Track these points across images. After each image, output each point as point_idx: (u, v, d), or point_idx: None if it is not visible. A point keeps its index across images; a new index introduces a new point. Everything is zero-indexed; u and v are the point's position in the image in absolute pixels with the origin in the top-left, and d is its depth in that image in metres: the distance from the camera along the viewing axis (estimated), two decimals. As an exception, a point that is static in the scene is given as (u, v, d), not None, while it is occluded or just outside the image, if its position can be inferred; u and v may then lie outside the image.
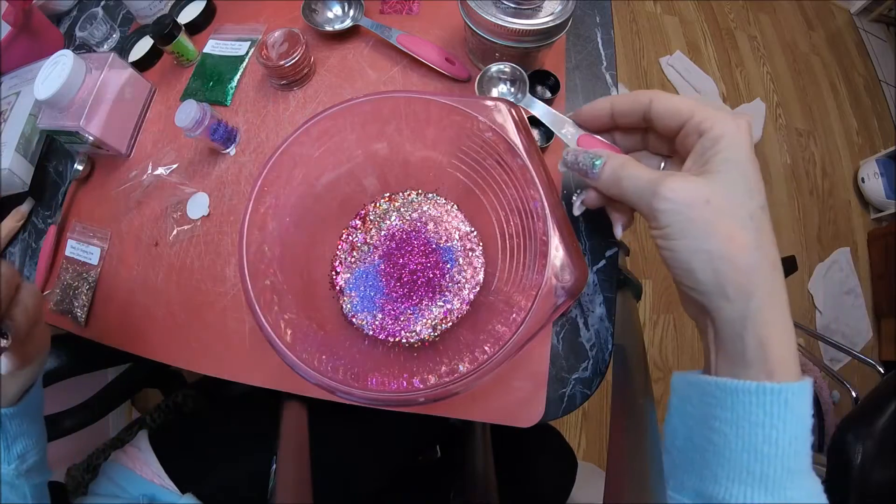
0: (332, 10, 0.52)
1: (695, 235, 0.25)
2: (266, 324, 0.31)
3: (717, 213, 0.25)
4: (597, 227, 0.43)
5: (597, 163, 0.30)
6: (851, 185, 1.61)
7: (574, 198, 0.35)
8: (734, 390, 0.25)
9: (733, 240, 0.25)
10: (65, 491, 0.56)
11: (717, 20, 1.73)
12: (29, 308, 0.32)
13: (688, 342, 1.21)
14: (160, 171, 0.50)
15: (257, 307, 0.31)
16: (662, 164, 0.33)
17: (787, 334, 0.25)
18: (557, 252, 0.29)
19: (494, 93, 0.39)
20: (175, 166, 0.50)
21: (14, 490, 0.37)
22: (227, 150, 0.49)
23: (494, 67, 0.41)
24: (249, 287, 0.31)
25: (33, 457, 0.38)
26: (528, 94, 0.39)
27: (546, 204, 0.30)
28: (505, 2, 0.39)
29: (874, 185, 1.53)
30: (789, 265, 1.14)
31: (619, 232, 0.34)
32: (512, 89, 0.39)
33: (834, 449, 0.62)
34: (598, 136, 0.34)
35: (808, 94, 1.71)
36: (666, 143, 0.31)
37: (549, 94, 0.46)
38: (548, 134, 0.44)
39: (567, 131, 0.35)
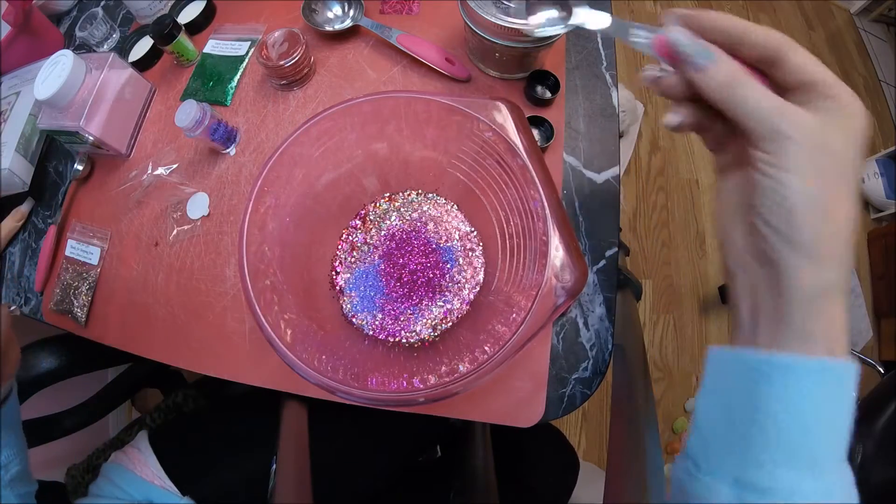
0: (332, 10, 0.52)
1: (812, 177, 0.23)
2: (266, 324, 0.31)
3: (839, 172, 0.23)
4: (597, 227, 0.43)
5: (710, 54, 0.26)
6: (851, 186, 1.61)
7: (647, 71, 0.29)
8: (790, 367, 0.23)
9: (841, 203, 0.23)
10: (65, 491, 0.57)
11: (717, 20, 1.73)
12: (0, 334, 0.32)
13: (688, 342, 1.21)
14: (160, 171, 0.50)
15: (257, 307, 0.31)
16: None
17: (848, 314, 0.24)
18: (557, 252, 0.29)
19: (542, 17, 0.32)
20: (175, 166, 0.50)
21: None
22: (227, 150, 0.49)
23: None
24: (249, 287, 0.31)
25: (16, 466, 0.38)
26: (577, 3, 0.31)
27: (546, 204, 0.30)
28: (505, 2, 0.39)
29: (874, 185, 1.53)
30: (789, 265, 1.14)
31: (674, 120, 0.28)
32: (562, 13, 0.32)
33: (834, 449, 0.62)
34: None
35: (808, 94, 1.71)
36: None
37: (549, 94, 0.46)
38: (547, 134, 0.44)
39: (639, 35, 0.29)
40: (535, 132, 0.44)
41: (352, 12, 0.51)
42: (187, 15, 0.57)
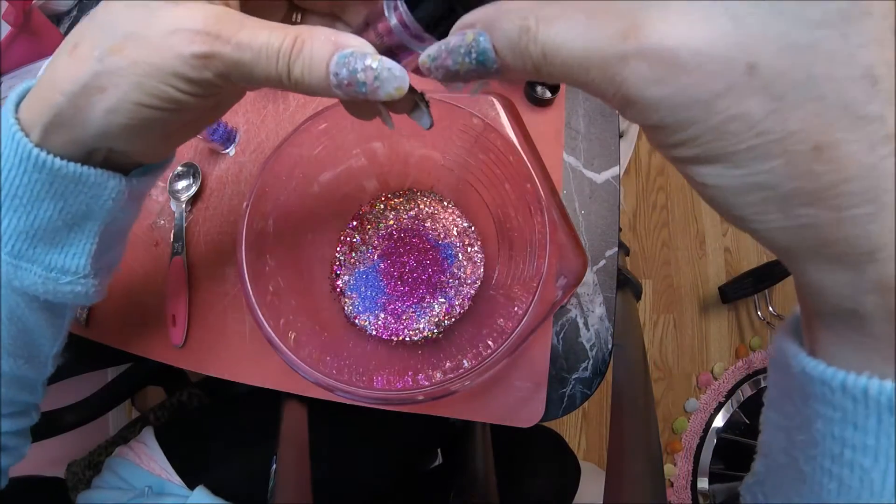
0: (332, 10, 0.52)
1: (744, 155, 0.13)
2: (264, 322, 0.31)
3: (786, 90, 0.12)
4: (597, 227, 0.43)
5: (481, 41, 0.15)
6: (852, 185, 1.61)
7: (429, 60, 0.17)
8: (869, 400, 0.13)
9: (823, 149, 0.12)
10: (65, 487, 0.57)
11: (717, 20, 1.73)
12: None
13: (687, 342, 1.21)
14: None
15: (257, 308, 0.31)
16: None
17: None
18: (556, 243, 0.29)
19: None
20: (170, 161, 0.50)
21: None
22: (227, 151, 0.49)
23: None
24: (249, 289, 0.31)
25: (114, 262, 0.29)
26: None
27: (543, 195, 0.30)
28: (505, 1, 0.39)
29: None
30: (789, 265, 1.14)
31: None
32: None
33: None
34: None
35: (808, 94, 1.70)
36: None
37: (549, 94, 0.46)
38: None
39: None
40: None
41: (352, 12, 0.51)
42: (187, 15, 0.57)
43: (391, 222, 0.43)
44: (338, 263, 0.42)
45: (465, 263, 0.41)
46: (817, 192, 0.12)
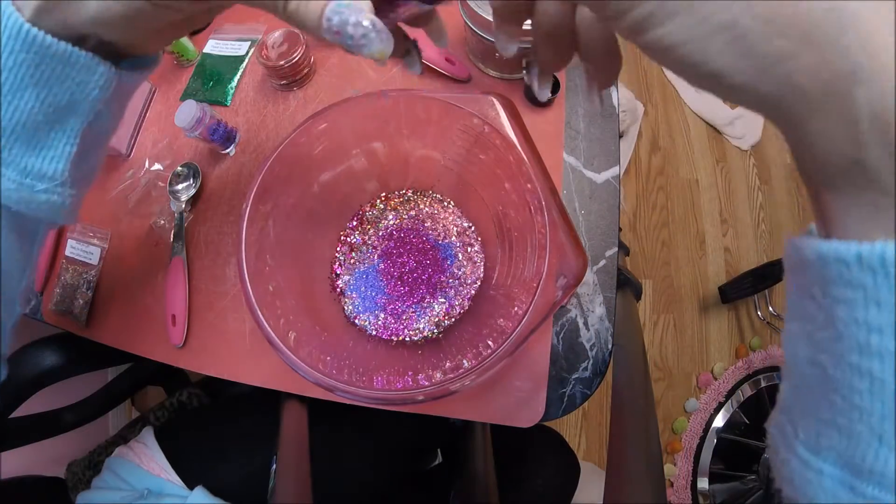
0: (332, 10, 0.52)
1: (691, 7, 0.13)
2: (264, 321, 0.31)
3: None
4: (597, 227, 0.43)
5: None
6: (852, 185, 1.61)
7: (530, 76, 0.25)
8: (888, 268, 0.12)
9: None
10: (65, 486, 0.57)
11: (717, 20, 1.72)
12: None
13: (688, 342, 1.21)
14: (157, 166, 0.50)
15: (257, 308, 0.31)
16: None
17: None
18: (556, 243, 0.29)
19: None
20: (170, 162, 0.50)
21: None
22: (227, 151, 0.49)
23: None
24: (249, 289, 0.31)
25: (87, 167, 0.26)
26: None
27: (542, 195, 0.30)
28: (505, 1, 0.39)
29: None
30: (789, 265, 1.14)
31: (546, 95, 0.26)
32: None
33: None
34: None
35: (808, 94, 1.70)
36: None
37: (549, 94, 0.46)
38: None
39: None
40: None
41: (352, 12, 0.51)
42: (187, 15, 0.57)
43: (391, 222, 0.43)
44: (338, 263, 0.42)
45: (465, 263, 0.41)
46: (780, 19, 0.12)
